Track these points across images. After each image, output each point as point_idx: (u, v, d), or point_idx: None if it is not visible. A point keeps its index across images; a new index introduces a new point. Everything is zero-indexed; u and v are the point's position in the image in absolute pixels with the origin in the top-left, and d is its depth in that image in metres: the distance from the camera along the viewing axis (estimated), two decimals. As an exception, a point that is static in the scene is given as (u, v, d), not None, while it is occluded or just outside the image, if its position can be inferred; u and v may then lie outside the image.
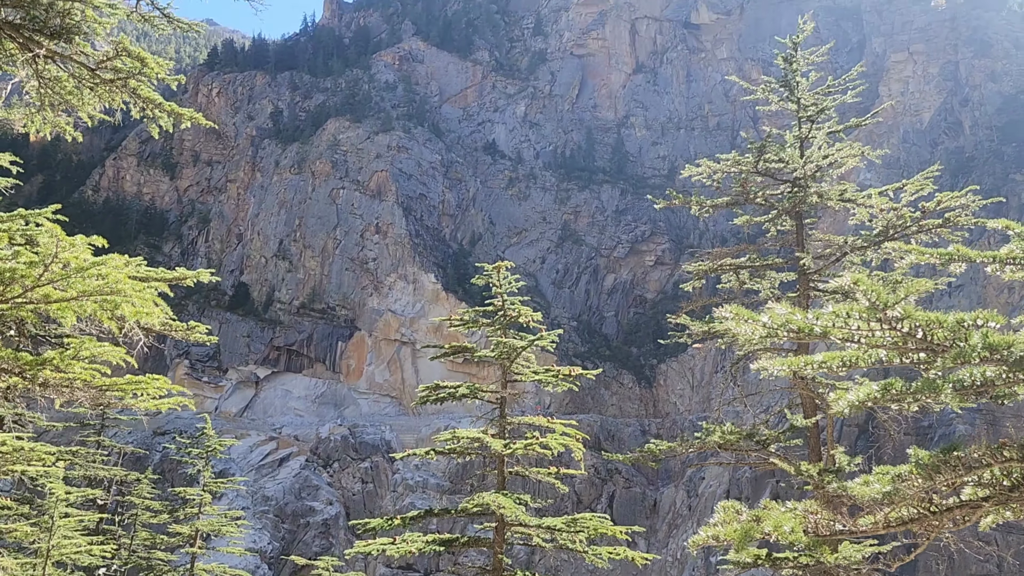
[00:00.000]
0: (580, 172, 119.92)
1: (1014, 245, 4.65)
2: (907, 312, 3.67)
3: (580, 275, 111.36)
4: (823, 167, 15.74)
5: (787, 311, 3.95)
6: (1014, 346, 3.53)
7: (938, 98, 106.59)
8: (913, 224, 14.00)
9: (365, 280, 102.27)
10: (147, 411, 12.44)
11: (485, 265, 21.97)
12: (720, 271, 18.11)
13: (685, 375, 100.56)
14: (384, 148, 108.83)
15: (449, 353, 21.94)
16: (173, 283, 12.81)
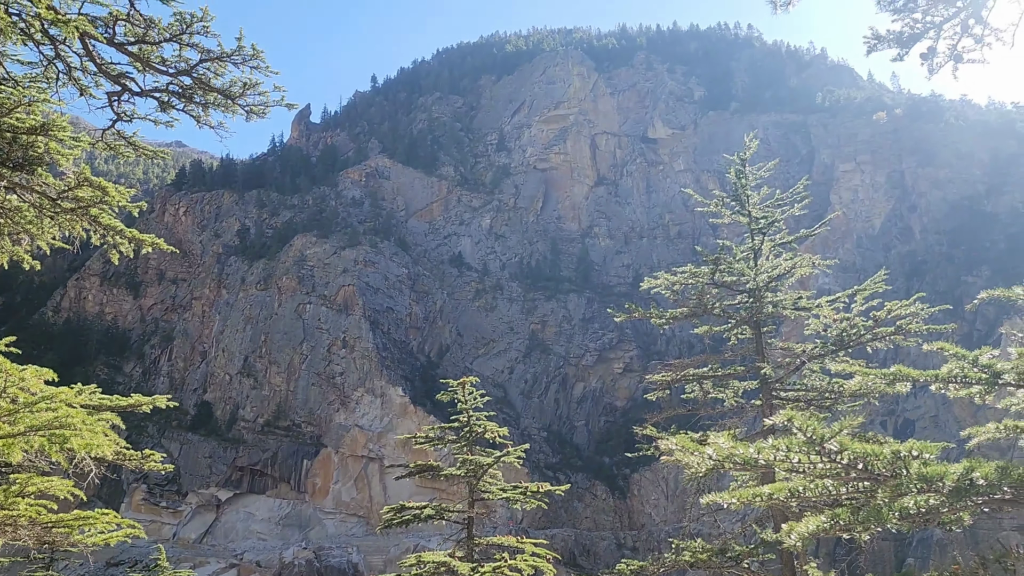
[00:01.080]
0: (546, 282, 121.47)
1: (952, 364, 4.77)
2: (844, 444, 3.73)
3: (549, 384, 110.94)
4: (776, 277, 16.17)
5: (730, 444, 3.98)
6: (947, 477, 3.58)
7: (887, 205, 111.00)
8: (867, 332, 14.32)
9: (332, 395, 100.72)
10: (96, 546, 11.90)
11: (450, 381, 21.88)
12: (684, 381, 18.18)
13: (659, 484, 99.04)
14: (351, 263, 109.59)
15: (415, 472, 21.49)
16: (128, 410, 12.52)
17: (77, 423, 8.64)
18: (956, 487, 3.48)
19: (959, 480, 3.53)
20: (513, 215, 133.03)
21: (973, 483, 3.51)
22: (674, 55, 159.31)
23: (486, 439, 21.12)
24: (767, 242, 17.12)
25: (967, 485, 3.49)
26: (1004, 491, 3.53)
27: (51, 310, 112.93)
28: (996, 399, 5.40)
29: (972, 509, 3.74)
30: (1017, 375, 4.40)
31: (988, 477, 3.55)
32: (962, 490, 3.47)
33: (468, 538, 20.49)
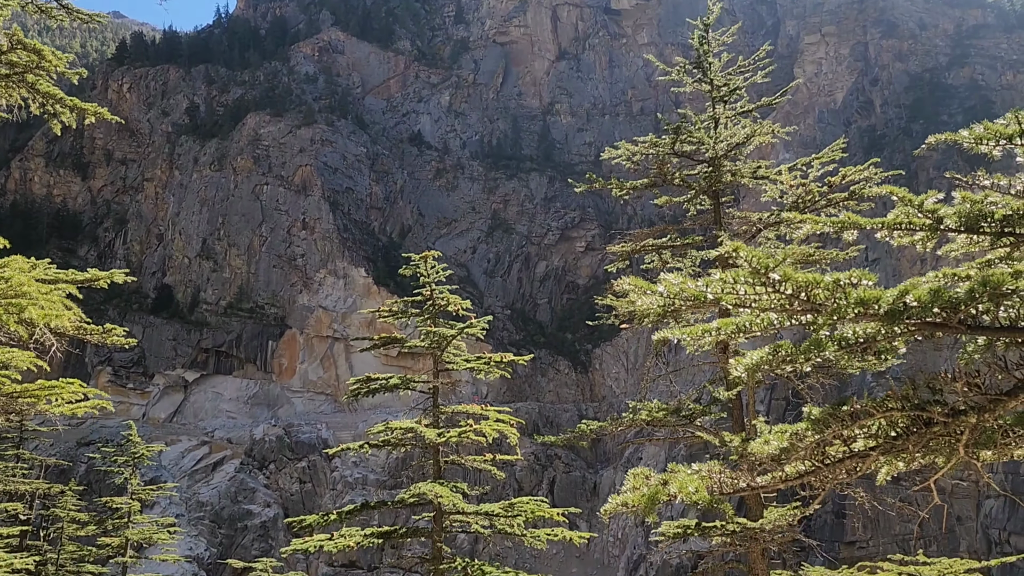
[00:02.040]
0: (507, 161, 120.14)
1: (899, 210, 4.90)
2: (786, 275, 3.85)
3: (512, 263, 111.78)
4: (735, 146, 16.21)
5: (680, 280, 4.10)
6: (882, 300, 3.74)
7: (850, 78, 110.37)
8: (822, 199, 14.56)
9: (294, 277, 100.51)
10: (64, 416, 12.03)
11: (412, 256, 21.90)
12: (643, 252, 18.46)
13: (620, 358, 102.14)
14: (307, 142, 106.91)
15: (379, 344, 21.80)
16: (85, 285, 12.39)
17: (33, 292, 8.55)
18: (891, 309, 3.66)
19: (894, 302, 3.70)
20: (473, 92, 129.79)
21: (907, 305, 3.69)
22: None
23: (449, 312, 21.38)
24: (728, 111, 17.04)
25: (901, 308, 3.67)
26: (935, 313, 3.72)
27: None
28: (939, 247, 5.59)
29: (906, 336, 3.95)
30: (958, 219, 4.54)
31: (921, 299, 3.73)
32: (896, 312, 3.65)
33: (434, 407, 21.10)
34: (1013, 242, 5.20)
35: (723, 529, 13.26)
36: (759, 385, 15.65)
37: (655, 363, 18.42)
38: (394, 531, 19.29)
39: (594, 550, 78.32)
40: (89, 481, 66.84)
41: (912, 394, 4.00)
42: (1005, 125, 4.27)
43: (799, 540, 17.16)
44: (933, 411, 3.89)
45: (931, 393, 4.07)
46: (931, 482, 4.61)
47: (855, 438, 4.25)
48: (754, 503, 14.73)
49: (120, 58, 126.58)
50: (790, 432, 4.28)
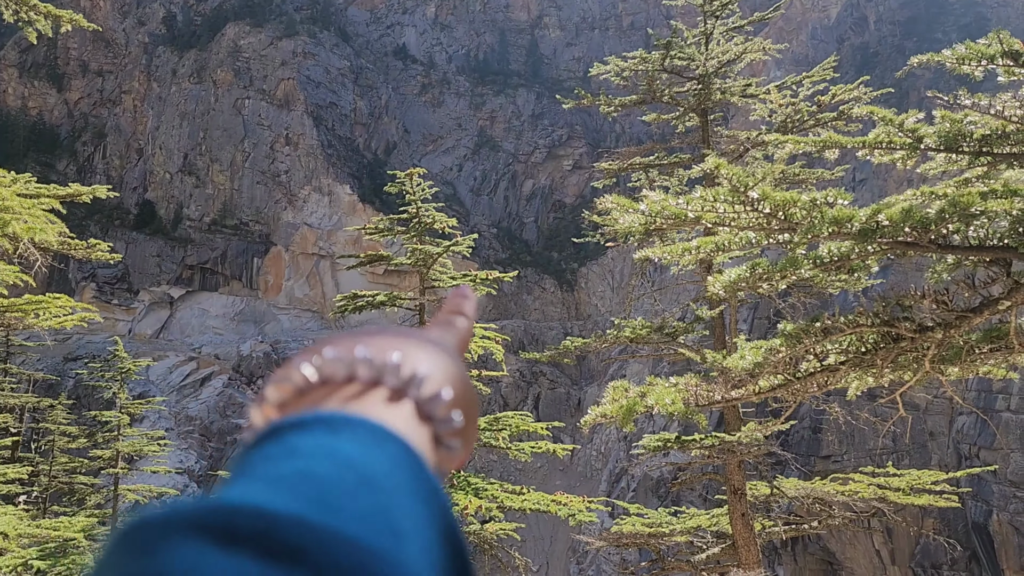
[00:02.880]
0: (495, 76, 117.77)
1: (880, 129, 4.93)
2: (765, 193, 3.90)
3: (498, 182, 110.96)
4: (725, 63, 15.98)
5: (661, 198, 4.14)
6: (855, 219, 3.82)
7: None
8: (810, 118, 14.47)
9: (278, 193, 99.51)
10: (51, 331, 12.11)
11: (398, 173, 21.74)
12: (630, 170, 18.42)
13: (605, 277, 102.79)
14: (289, 54, 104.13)
15: (365, 262, 21.88)
16: (67, 200, 12.30)
17: (16, 207, 8.49)
18: (863, 228, 3.74)
19: (866, 221, 3.78)
20: (459, 3, 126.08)
21: (879, 225, 3.77)
22: None
23: (435, 229, 21.41)
24: (720, 26, 16.72)
25: (873, 227, 3.75)
26: (906, 232, 3.81)
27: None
28: (919, 165, 5.65)
29: (878, 255, 4.04)
30: (938, 138, 4.58)
31: (892, 219, 3.80)
32: (869, 231, 3.73)
33: (420, 323, 21.32)
34: (990, 161, 5.27)
35: (701, 443, 13.70)
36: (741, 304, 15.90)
37: (640, 282, 18.63)
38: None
39: (577, 463, 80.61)
40: (78, 395, 67.55)
41: (882, 311, 4.12)
42: (987, 45, 4.27)
43: (774, 453, 17.76)
44: (901, 327, 4.01)
45: (900, 310, 4.19)
46: (897, 395, 4.80)
47: (827, 354, 4.40)
48: (732, 418, 15.19)
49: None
50: (765, 347, 4.41)
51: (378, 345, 0.73)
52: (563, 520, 18.81)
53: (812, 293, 15.19)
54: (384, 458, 0.60)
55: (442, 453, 0.71)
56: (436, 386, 0.71)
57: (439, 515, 0.59)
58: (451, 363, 0.78)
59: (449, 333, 0.88)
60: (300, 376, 0.70)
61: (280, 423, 0.63)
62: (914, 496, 16.58)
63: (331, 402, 0.68)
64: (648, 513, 18.47)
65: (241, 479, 0.57)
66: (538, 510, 17.57)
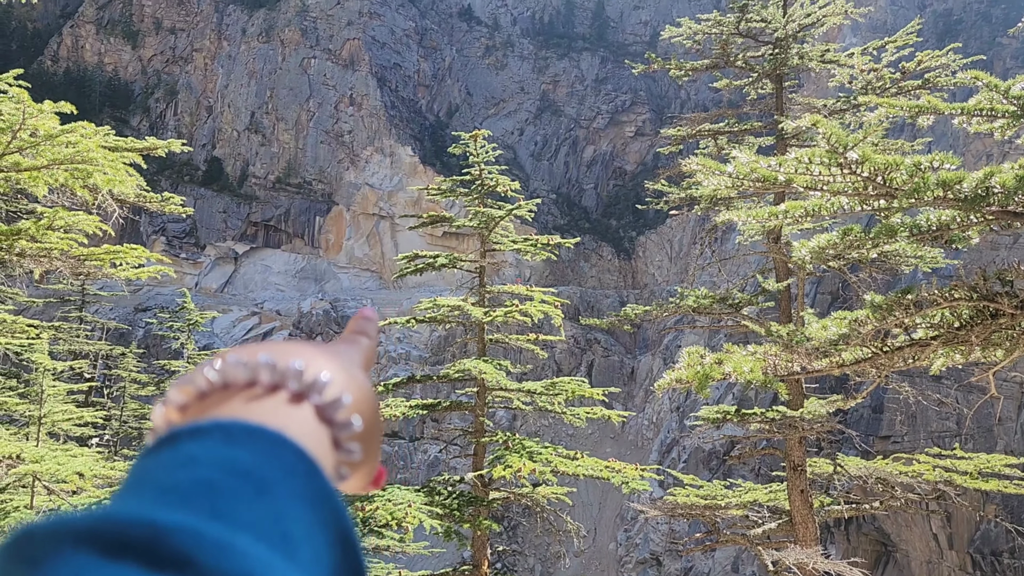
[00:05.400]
0: (559, 39, 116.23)
1: (982, 96, 4.66)
2: (865, 155, 3.71)
3: (559, 147, 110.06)
4: (805, 27, 15.39)
5: (751, 159, 3.98)
6: (965, 182, 3.61)
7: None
8: (893, 85, 13.87)
9: (341, 153, 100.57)
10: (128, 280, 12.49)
11: (462, 134, 21.65)
12: (698, 137, 18.00)
13: (664, 247, 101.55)
14: (355, 15, 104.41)
15: (427, 223, 21.94)
16: (144, 153, 12.59)
17: (99, 159, 8.71)
18: (972, 194, 3.53)
19: (977, 186, 3.57)
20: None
21: (990, 190, 3.56)
22: None
23: (498, 192, 21.32)
24: (799, -13, 16.08)
25: (984, 192, 3.54)
26: (1017, 201, 3.59)
27: (49, 59, 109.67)
28: (1016, 136, 5.36)
29: (982, 226, 3.83)
30: (1048, 105, 4.30)
31: (1006, 184, 3.59)
32: (978, 197, 3.52)
33: (480, 287, 21.38)
34: (1102, 134, 4.94)
35: (763, 416, 13.48)
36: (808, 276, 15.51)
37: (703, 251, 18.30)
38: (437, 404, 19.97)
39: (628, 432, 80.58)
40: (147, 345, 70.08)
41: (981, 284, 3.92)
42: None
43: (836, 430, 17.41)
44: (1002, 302, 3.81)
45: (1001, 284, 3.98)
46: (990, 374, 4.58)
47: (916, 327, 4.22)
48: (795, 393, 14.89)
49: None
50: (850, 319, 4.25)
51: (282, 351, 0.75)
52: (613, 487, 18.78)
53: (884, 269, 14.70)
54: (279, 465, 0.60)
55: (341, 456, 0.72)
56: (337, 391, 0.73)
57: (332, 520, 0.60)
58: (354, 372, 0.80)
59: (353, 348, 0.90)
60: (202, 379, 0.71)
61: (178, 430, 0.63)
62: (982, 480, 16.08)
63: (231, 405, 0.69)
64: (703, 485, 18.35)
65: (134, 488, 0.57)
66: (591, 476, 17.60)
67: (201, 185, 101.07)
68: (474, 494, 18.45)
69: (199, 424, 0.63)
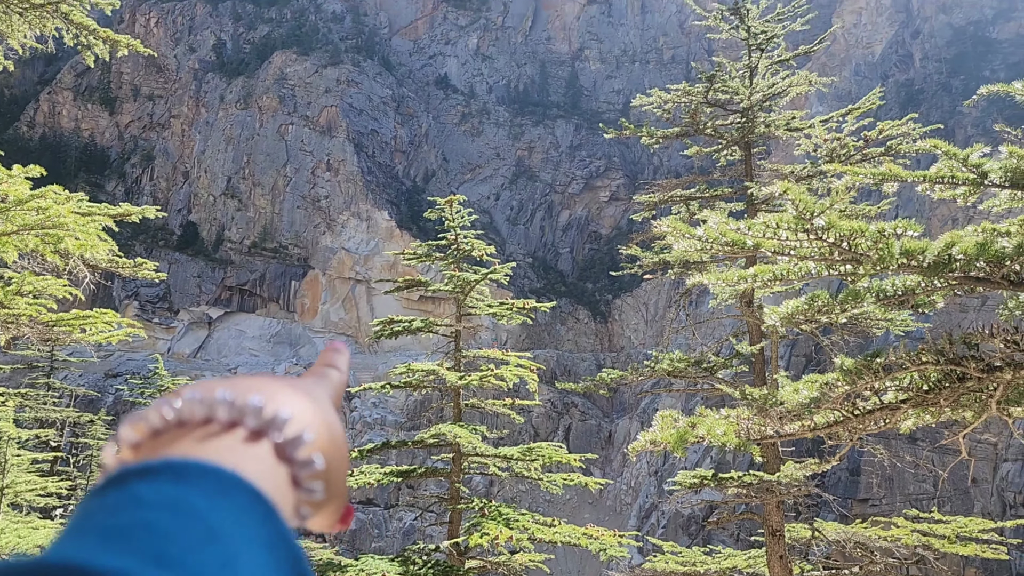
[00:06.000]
0: (534, 107, 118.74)
1: (942, 164, 4.81)
2: (831, 221, 3.81)
3: (535, 211, 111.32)
4: (770, 96, 15.88)
5: (720, 222, 4.06)
6: (928, 251, 3.71)
7: (890, 30, 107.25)
8: (856, 153, 14.28)
9: (317, 218, 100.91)
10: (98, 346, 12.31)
11: (438, 199, 21.86)
12: (670, 202, 18.31)
13: (639, 309, 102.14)
14: (333, 82, 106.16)
15: (403, 287, 21.95)
16: (118, 219, 12.54)
17: (70, 224, 8.67)
18: (936, 261, 3.62)
19: (940, 253, 3.67)
20: (501, 35, 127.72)
21: (952, 257, 3.65)
22: None
23: (473, 257, 21.44)
24: (764, 59, 16.66)
25: (946, 259, 3.63)
26: (979, 267, 3.68)
27: (25, 125, 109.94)
28: (978, 203, 5.50)
29: (946, 290, 3.91)
30: (1003, 173, 4.45)
31: (967, 252, 3.69)
32: (941, 265, 3.61)
33: (455, 351, 21.29)
34: (1057, 200, 5.10)
35: (740, 480, 13.40)
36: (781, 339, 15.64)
37: (677, 315, 18.42)
38: (413, 470, 19.65)
39: (607, 497, 79.57)
40: (117, 412, 68.51)
41: (948, 348, 3.98)
42: (1060, 79, 4.16)
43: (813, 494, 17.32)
44: (968, 366, 3.87)
45: (967, 348, 4.05)
46: (960, 436, 4.62)
47: (886, 390, 4.26)
48: (771, 456, 14.85)
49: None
50: (821, 382, 4.28)
51: (242, 387, 0.72)
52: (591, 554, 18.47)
53: (856, 332, 14.87)
54: (231, 507, 0.58)
55: (302, 496, 0.69)
56: (297, 428, 0.70)
57: (288, 563, 0.58)
58: (319, 408, 0.77)
59: (322, 383, 0.86)
60: (157, 416, 0.68)
61: (126, 469, 0.60)
62: (960, 545, 16.01)
63: (186, 443, 0.65)
64: (682, 551, 18.08)
65: (76, 531, 0.54)
66: (569, 543, 17.31)
67: (176, 250, 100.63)
68: (450, 563, 18.02)
69: (148, 463, 0.60)
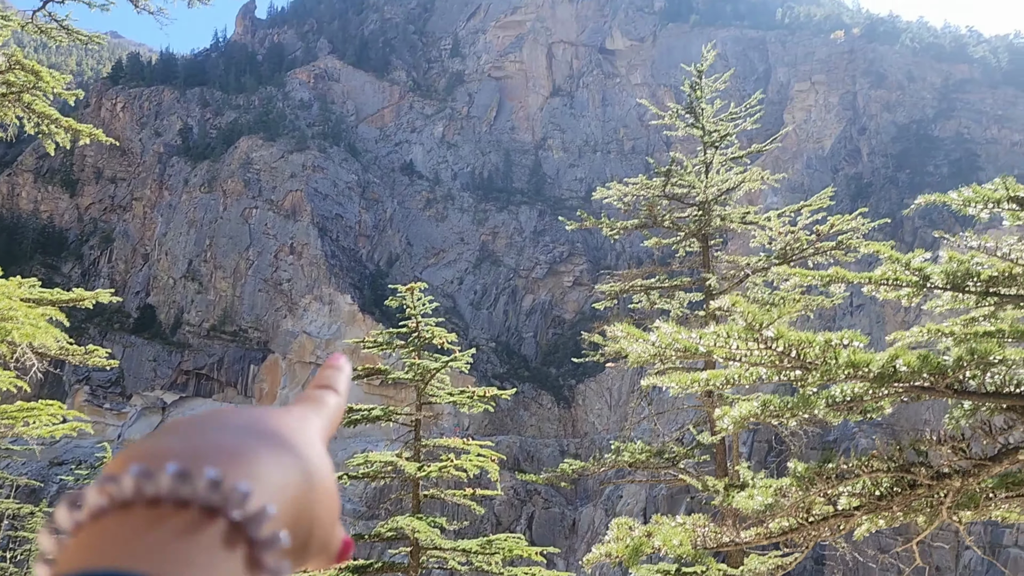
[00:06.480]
0: (498, 193, 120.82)
1: (886, 267, 4.97)
2: (780, 332, 3.89)
3: (499, 296, 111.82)
4: (725, 191, 16.39)
5: (673, 330, 4.12)
6: (872, 364, 3.79)
7: (838, 126, 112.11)
8: (809, 247, 14.70)
9: (279, 301, 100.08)
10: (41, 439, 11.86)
11: (399, 287, 21.85)
12: (632, 292, 18.52)
13: (603, 395, 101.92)
14: (299, 167, 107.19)
15: (363, 375, 21.66)
16: (70, 305, 12.30)
17: (19, 315, 8.47)
18: (881, 373, 3.70)
19: (884, 366, 3.75)
20: (466, 124, 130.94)
21: (896, 369, 3.74)
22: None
23: (434, 345, 21.32)
24: (718, 156, 17.26)
25: (891, 371, 3.71)
26: (923, 378, 3.77)
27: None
28: (923, 301, 5.65)
29: (893, 397, 3.99)
30: (945, 277, 4.61)
31: (910, 364, 3.78)
32: (886, 375, 3.69)
33: (415, 440, 20.93)
34: (997, 302, 5.28)
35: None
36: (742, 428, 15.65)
37: (639, 404, 18.38)
38: (369, 566, 18.98)
39: (571, 589, 77.43)
40: (60, 502, 65.53)
41: (898, 455, 4.02)
42: (993, 190, 4.36)
43: (778, 587, 17.01)
44: (918, 473, 3.91)
45: (916, 455, 4.10)
46: (913, 544, 4.61)
47: (839, 496, 4.27)
48: (734, 551, 14.64)
49: (115, 77, 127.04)
50: (774, 487, 4.27)
51: (199, 452, 0.62)
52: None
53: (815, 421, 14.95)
54: None
55: None
56: (259, 503, 0.60)
57: None
58: (296, 461, 0.65)
59: (315, 414, 0.75)
60: (97, 497, 0.59)
61: None
62: (926, 639, 15.75)
63: (127, 529, 0.57)
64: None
65: None
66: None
67: (132, 332, 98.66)
68: (406, 667, 17.26)
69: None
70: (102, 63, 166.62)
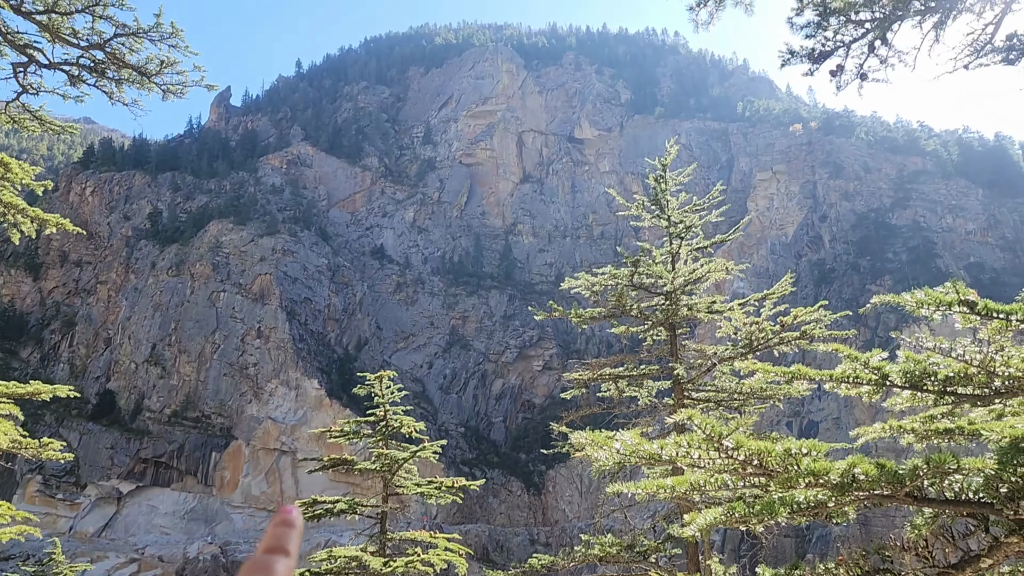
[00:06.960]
0: (468, 278, 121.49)
1: (846, 365, 5.06)
2: (739, 442, 3.93)
3: (468, 380, 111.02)
4: (692, 281, 16.65)
5: (636, 441, 4.14)
6: (832, 472, 3.83)
7: (800, 214, 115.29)
8: (774, 336, 14.90)
9: (244, 386, 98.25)
10: (-16, 540, 11.34)
11: (367, 374, 21.66)
12: (600, 380, 18.50)
13: (574, 481, 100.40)
14: (268, 251, 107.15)
15: (329, 466, 21.22)
16: (25, 398, 12.00)
17: (-31, 409, 8.22)
18: (840, 482, 3.74)
19: (843, 475, 3.79)
20: (437, 209, 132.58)
21: (855, 478, 3.77)
22: (602, 57, 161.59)
23: (402, 434, 21.03)
24: (684, 246, 17.59)
25: (850, 480, 3.75)
26: (883, 486, 3.80)
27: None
28: (883, 399, 5.74)
29: (856, 503, 4.00)
30: (903, 376, 4.71)
31: (868, 473, 3.82)
32: (846, 485, 3.72)
33: (381, 533, 20.36)
34: (954, 400, 5.38)
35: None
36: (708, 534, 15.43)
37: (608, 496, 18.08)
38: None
39: None
40: (4, 600, 62.19)
41: (863, 561, 4.01)
42: (945, 293, 4.51)
43: None
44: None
45: (881, 561, 4.09)
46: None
47: (808, 603, 4.22)
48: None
49: (87, 162, 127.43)
50: (744, 595, 4.21)
51: None
52: None
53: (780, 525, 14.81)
54: None
55: None
56: None
57: None
58: None
59: None
60: None
61: None
62: None
63: None
64: None
65: None
66: None
67: (90, 419, 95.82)
68: None
69: None
70: (74, 148, 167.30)
